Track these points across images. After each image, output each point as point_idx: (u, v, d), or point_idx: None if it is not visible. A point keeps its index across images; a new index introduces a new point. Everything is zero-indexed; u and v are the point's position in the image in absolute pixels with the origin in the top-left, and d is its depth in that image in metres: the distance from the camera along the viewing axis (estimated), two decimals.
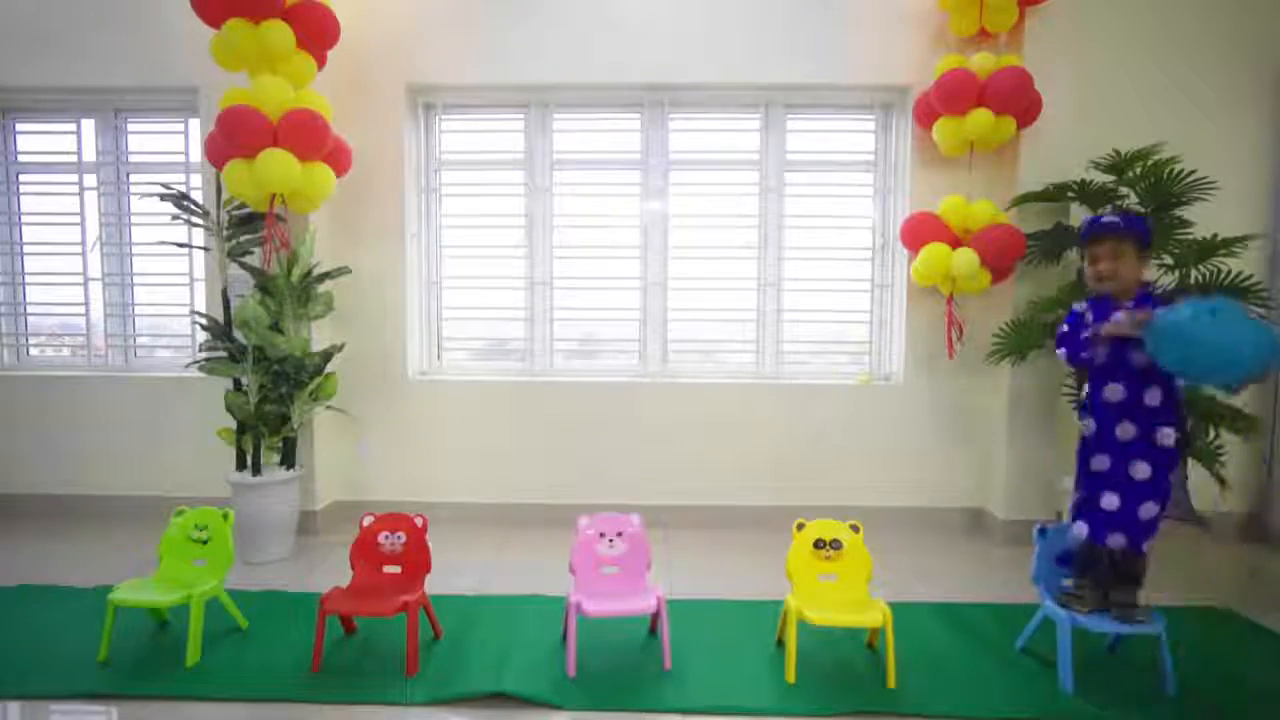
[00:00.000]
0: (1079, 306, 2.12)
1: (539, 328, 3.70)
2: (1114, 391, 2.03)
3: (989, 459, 3.50)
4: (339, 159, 3.12)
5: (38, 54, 3.45)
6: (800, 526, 2.26)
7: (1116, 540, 2.00)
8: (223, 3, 2.79)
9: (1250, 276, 2.79)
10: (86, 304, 3.68)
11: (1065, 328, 2.12)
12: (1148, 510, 1.99)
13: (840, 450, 3.51)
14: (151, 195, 3.20)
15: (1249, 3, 3.30)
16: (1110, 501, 2.01)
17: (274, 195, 2.90)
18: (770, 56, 3.43)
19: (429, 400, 3.58)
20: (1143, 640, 2.10)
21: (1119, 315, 1.94)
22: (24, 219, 3.72)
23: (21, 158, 3.70)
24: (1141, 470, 2.00)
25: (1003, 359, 3.19)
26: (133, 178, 3.65)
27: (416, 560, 2.26)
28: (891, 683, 2.03)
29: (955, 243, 3.21)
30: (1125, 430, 2.01)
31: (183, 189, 3.16)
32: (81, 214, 3.66)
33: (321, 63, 3.06)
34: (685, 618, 2.39)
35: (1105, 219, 2.07)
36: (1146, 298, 2.03)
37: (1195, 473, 2.84)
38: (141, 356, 3.76)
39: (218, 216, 3.08)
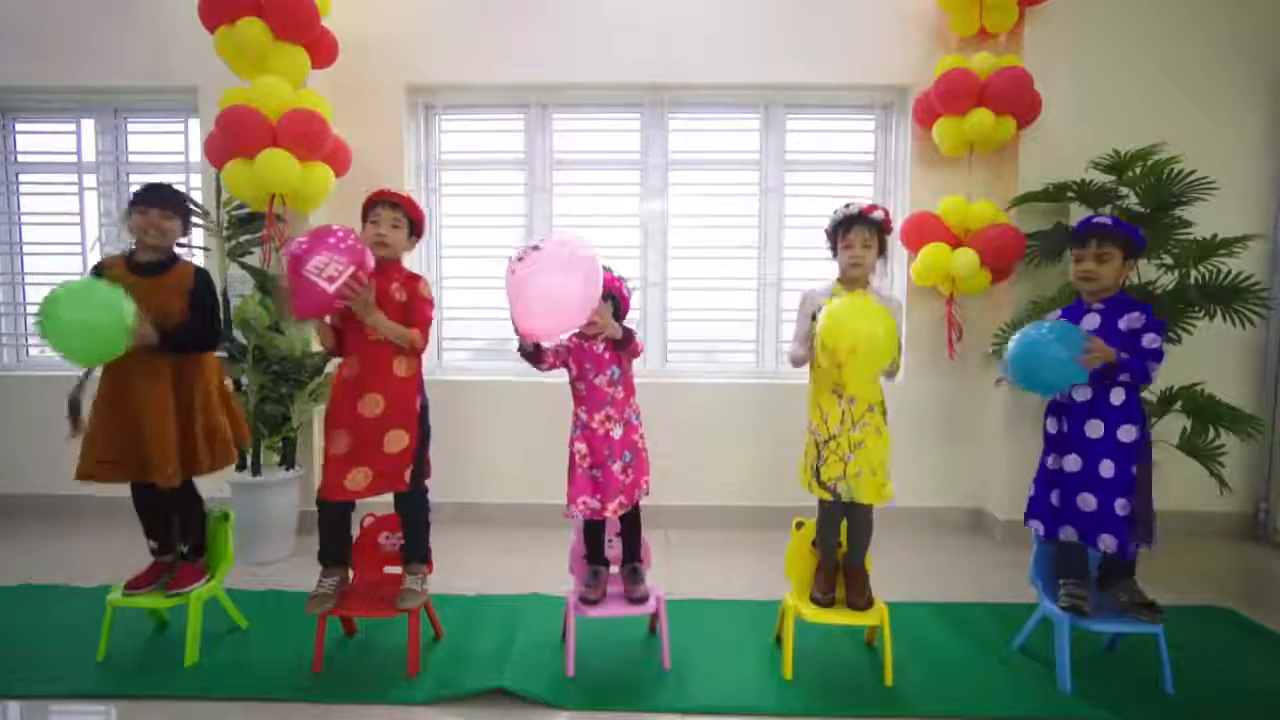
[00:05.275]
0: (1051, 316, 2.15)
1: None
2: (1082, 392, 2.05)
3: (989, 459, 3.50)
4: (338, 159, 3.12)
5: (38, 54, 3.45)
6: (799, 526, 2.27)
7: (1106, 542, 1.98)
8: (211, 9, 2.81)
9: (1250, 276, 2.79)
10: None
11: None
12: (1122, 507, 1.97)
13: None
14: None
15: (1249, 3, 3.30)
16: (1088, 501, 2.01)
17: (273, 195, 2.91)
18: (770, 56, 3.43)
19: (429, 400, 3.57)
20: (1141, 639, 2.10)
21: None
22: (24, 219, 3.72)
23: (21, 158, 3.71)
24: (1107, 468, 2.00)
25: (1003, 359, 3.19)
26: (133, 178, 3.65)
27: None
28: (889, 681, 2.04)
29: (955, 243, 3.21)
30: (1094, 428, 2.02)
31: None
32: (81, 214, 3.67)
33: (318, 58, 3.04)
34: (684, 617, 2.39)
35: (1097, 219, 2.07)
36: (1120, 301, 2.05)
37: (1195, 472, 2.85)
38: None
39: (218, 216, 3.08)
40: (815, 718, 1.91)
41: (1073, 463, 2.05)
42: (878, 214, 2.11)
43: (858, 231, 2.11)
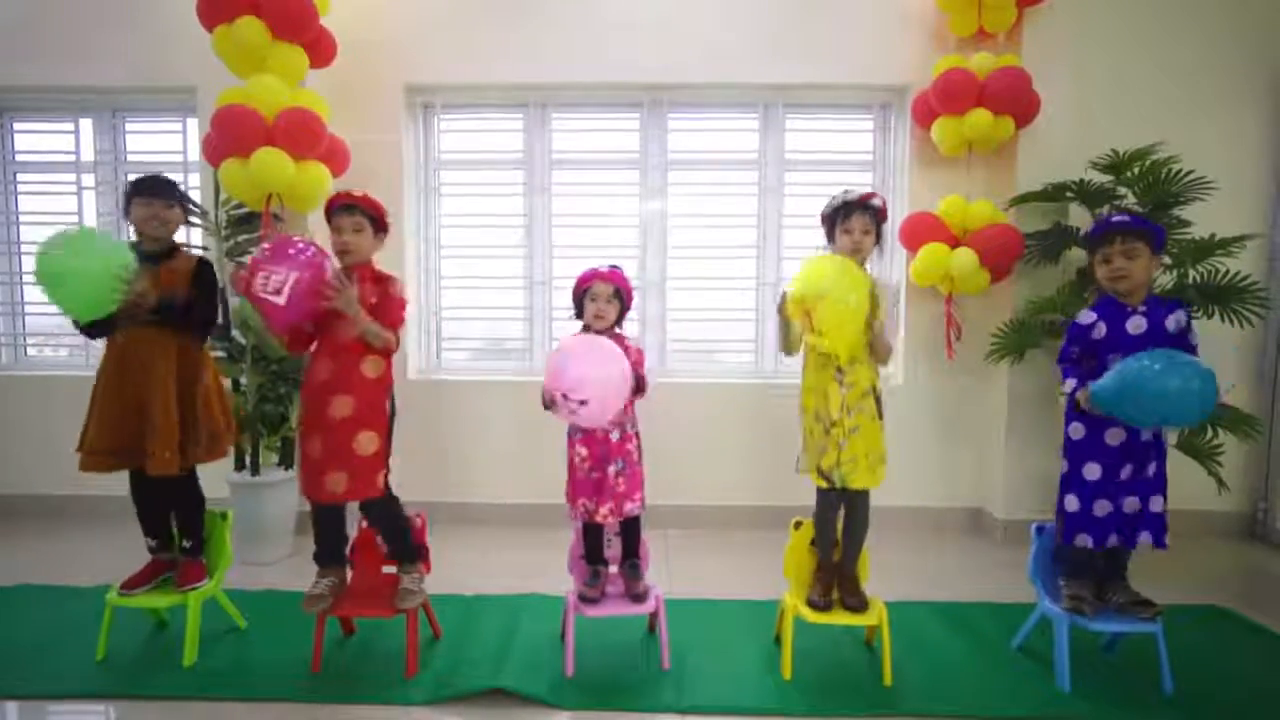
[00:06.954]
0: (1085, 319, 2.06)
1: (539, 328, 3.70)
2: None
3: (988, 459, 3.50)
4: (336, 158, 3.11)
5: (37, 54, 3.44)
6: (798, 525, 2.27)
7: (1144, 539, 2.01)
8: (210, 9, 2.82)
9: (1249, 276, 2.79)
10: None
11: (1066, 345, 2.09)
12: (1157, 504, 2.01)
13: None
14: None
15: (1249, 3, 3.30)
16: (1132, 504, 2.02)
17: (270, 195, 2.90)
18: (769, 56, 3.43)
19: (428, 400, 3.57)
20: (1140, 639, 2.10)
21: (1080, 394, 2.00)
22: (22, 219, 3.71)
23: (19, 157, 3.70)
24: (1138, 469, 2.01)
25: (1002, 359, 3.19)
26: (131, 177, 3.63)
27: None
28: (888, 681, 2.04)
29: (954, 242, 3.21)
30: (1115, 435, 2.02)
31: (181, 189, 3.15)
32: (80, 214, 3.66)
33: (317, 57, 3.04)
34: (684, 617, 2.40)
35: (1117, 217, 2.04)
36: (1158, 301, 2.02)
37: (1194, 472, 2.85)
38: None
39: (216, 216, 3.08)
40: (815, 718, 1.91)
41: (1144, 469, 2.03)
42: (876, 201, 2.11)
43: (858, 217, 2.11)
